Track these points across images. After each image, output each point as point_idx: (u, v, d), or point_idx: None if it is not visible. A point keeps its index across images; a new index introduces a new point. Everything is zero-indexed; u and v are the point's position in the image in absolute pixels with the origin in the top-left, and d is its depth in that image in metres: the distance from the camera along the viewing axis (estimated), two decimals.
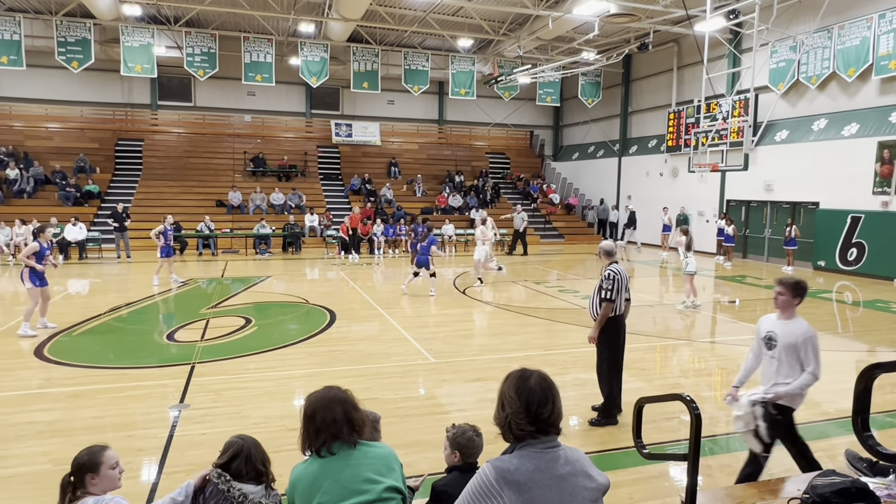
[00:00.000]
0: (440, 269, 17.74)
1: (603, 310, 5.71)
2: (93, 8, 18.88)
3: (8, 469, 4.70)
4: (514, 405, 1.91)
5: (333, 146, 28.15)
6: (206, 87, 26.03)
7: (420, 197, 26.34)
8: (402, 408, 6.14)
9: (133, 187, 23.59)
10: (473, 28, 22.26)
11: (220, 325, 9.68)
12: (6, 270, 16.19)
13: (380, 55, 23.11)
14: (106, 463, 2.68)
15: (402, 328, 9.63)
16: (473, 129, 31.19)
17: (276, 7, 19.84)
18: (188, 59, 20.95)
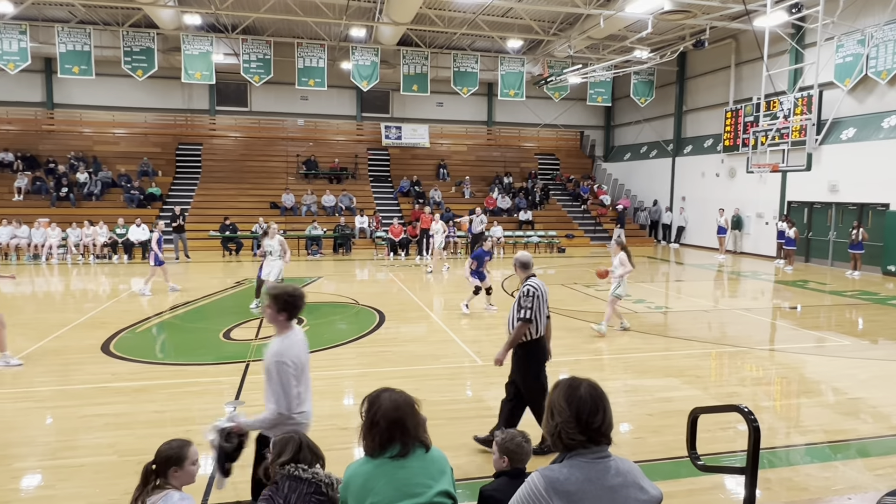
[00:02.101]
0: None
1: (517, 330, 5.01)
2: (156, 18, 19.74)
3: (77, 459, 4.96)
4: (563, 414, 1.89)
5: (383, 148, 28.50)
6: (261, 93, 26.79)
7: (468, 198, 26.36)
8: (450, 410, 6.16)
9: (192, 190, 24.51)
10: (523, 29, 22.13)
11: None
12: (76, 269, 17.08)
13: (429, 58, 23.25)
14: (189, 458, 2.82)
15: (450, 330, 9.66)
16: (522, 130, 31.00)
17: (328, 13, 20.25)
18: (244, 65, 21.61)
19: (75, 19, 20.92)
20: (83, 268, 17.40)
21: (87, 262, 18.27)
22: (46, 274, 16.39)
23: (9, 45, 19.76)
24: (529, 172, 28.90)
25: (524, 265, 5.35)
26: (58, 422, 5.88)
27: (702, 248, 23.29)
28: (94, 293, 12.82)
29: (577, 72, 22.78)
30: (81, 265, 17.80)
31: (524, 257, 5.38)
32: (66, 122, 26.32)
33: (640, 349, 8.70)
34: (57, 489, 4.48)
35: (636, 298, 12.68)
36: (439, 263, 17.58)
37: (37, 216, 19.48)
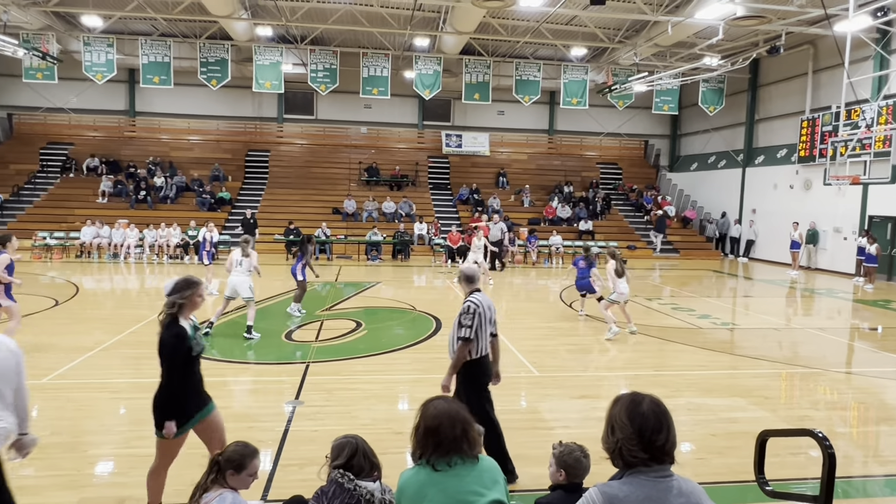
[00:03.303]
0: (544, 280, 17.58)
1: (458, 350, 4.55)
2: (231, 31, 20.67)
3: (147, 449, 5.16)
4: (625, 430, 1.84)
5: (443, 156, 28.72)
6: (327, 101, 27.53)
7: (528, 207, 26.19)
8: (505, 420, 6.07)
9: (259, 194, 25.42)
10: (587, 36, 21.87)
11: (333, 328, 10.15)
12: (150, 268, 18.00)
13: (491, 66, 23.30)
14: (249, 469, 2.96)
15: (506, 339, 9.59)
16: (584, 138, 30.57)
17: (393, 23, 20.64)
18: (312, 74, 22.29)
19: (157, 32, 22.16)
20: (157, 267, 18.32)
21: (161, 261, 19.22)
22: (124, 272, 17.35)
23: (98, 57, 21.12)
24: (591, 182, 28.44)
25: (469, 279, 4.82)
26: (130, 412, 6.19)
27: (772, 263, 22.25)
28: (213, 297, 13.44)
29: (642, 80, 22.29)
30: (156, 264, 18.75)
31: (469, 270, 4.89)
32: (146, 129, 27.88)
33: (705, 366, 8.38)
34: (128, 476, 4.71)
35: (701, 314, 12.23)
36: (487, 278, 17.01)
37: (117, 217, 20.67)
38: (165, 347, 3.75)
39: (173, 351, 3.72)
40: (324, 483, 2.74)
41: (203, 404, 4.01)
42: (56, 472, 4.71)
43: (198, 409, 3.95)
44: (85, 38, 21.07)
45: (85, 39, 21.06)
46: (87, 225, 19.81)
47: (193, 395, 3.92)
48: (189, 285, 3.90)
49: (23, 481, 4.58)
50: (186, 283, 3.90)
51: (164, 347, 3.76)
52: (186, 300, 3.87)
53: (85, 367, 7.53)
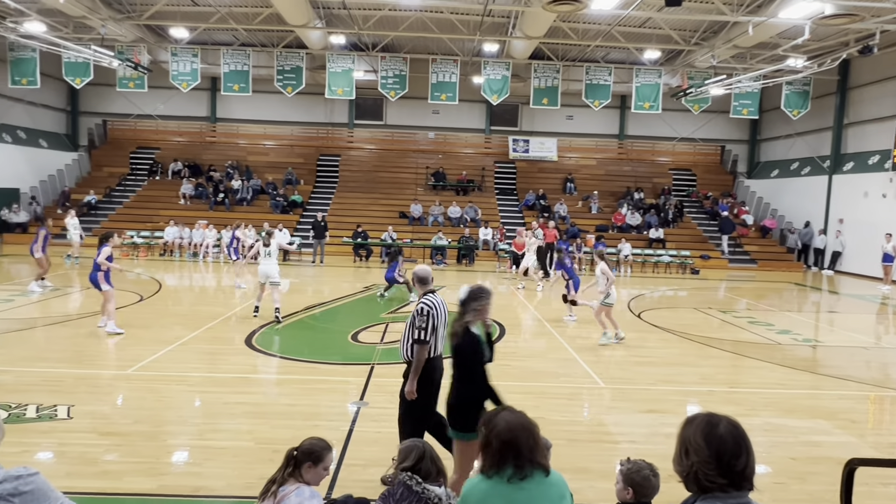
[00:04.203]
0: None
1: (418, 354, 4.49)
2: (306, 39, 21.39)
3: (220, 441, 5.42)
4: (701, 453, 1.74)
5: (510, 161, 28.59)
6: (396, 107, 27.98)
7: (595, 214, 25.66)
8: (569, 431, 5.98)
9: (330, 198, 26.12)
10: (661, 39, 21.22)
11: (397, 330, 10.26)
12: (226, 267, 18.81)
13: (561, 71, 23.01)
14: (325, 462, 3.03)
15: (571, 348, 9.42)
16: (657, 143, 29.67)
17: (462, 29, 20.75)
18: (382, 81, 22.73)
19: (237, 42, 23.20)
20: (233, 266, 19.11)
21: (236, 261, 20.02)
22: (202, 270, 18.22)
23: (183, 67, 22.34)
24: (662, 188, 27.55)
25: (421, 280, 4.78)
26: (205, 406, 6.48)
27: (861, 277, 20.81)
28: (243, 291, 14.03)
29: (720, 83, 21.40)
30: (232, 263, 19.56)
31: (422, 271, 4.83)
32: (225, 134, 29.24)
33: (784, 385, 7.92)
34: (202, 467, 4.92)
35: (780, 329, 11.58)
36: (518, 281, 16.82)
37: (197, 218, 21.73)
38: (465, 354, 3.79)
39: (472, 357, 3.79)
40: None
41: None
42: (137, 459, 4.98)
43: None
44: (172, 49, 22.35)
45: (172, 50, 22.33)
46: (170, 225, 20.95)
47: (484, 400, 3.95)
48: (484, 294, 3.93)
49: (107, 466, 4.87)
50: (481, 292, 3.92)
51: (462, 354, 3.80)
52: (482, 308, 3.89)
53: (165, 360, 7.94)
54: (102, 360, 7.94)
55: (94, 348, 8.63)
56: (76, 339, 9.11)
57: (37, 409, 5.95)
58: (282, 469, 3.00)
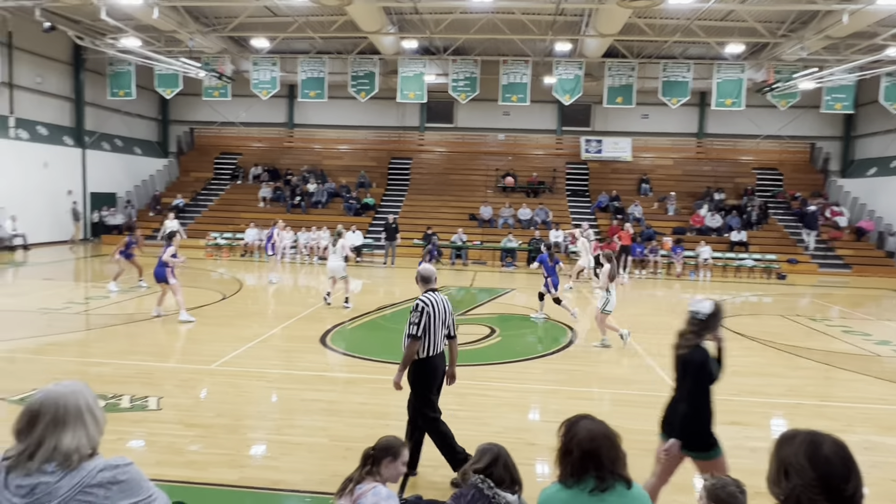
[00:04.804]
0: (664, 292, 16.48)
1: (407, 348, 4.58)
2: (379, 45, 21.83)
3: (296, 437, 5.58)
4: (805, 476, 1.61)
5: (582, 162, 28.04)
6: (466, 109, 28.07)
7: (672, 216, 24.74)
8: (645, 441, 5.74)
9: (401, 201, 26.51)
10: (745, 32, 20.20)
11: (467, 332, 10.26)
12: (302, 267, 19.45)
13: (636, 68, 22.37)
14: (402, 457, 3.06)
15: (646, 354, 9.10)
16: (739, 142, 28.28)
17: (534, 29, 20.55)
18: (453, 84, 22.86)
19: (314, 50, 23.98)
20: (308, 267, 19.76)
21: (312, 262, 20.70)
22: (279, 271, 18.91)
23: (264, 76, 23.33)
24: (745, 189, 26.21)
25: (424, 279, 4.88)
26: (282, 402, 6.70)
27: None
28: (316, 290, 14.45)
29: (810, 76, 20.15)
30: (307, 264, 20.23)
31: (426, 271, 4.91)
32: (302, 139, 30.30)
33: (885, 399, 7.33)
34: (279, 461, 5.09)
35: (879, 339, 10.74)
36: (570, 280, 16.41)
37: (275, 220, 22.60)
38: (696, 369, 3.75)
39: (704, 374, 3.75)
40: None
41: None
42: (219, 451, 5.21)
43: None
44: (254, 58, 23.39)
45: (254, 60, 23.37)
46: (250, 227, 21.89)
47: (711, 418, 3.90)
48: (722, 312, 3.86)
49: (192, 456, 5.12)
50: (722, 310, 3.87)
51: (694, 368, 3.75)
52: (719, 327, 3.82)
53: (245, 357, 8.28)
54: (188, 355, 8.38)
55: (181, 343, 9.13)
56: (165, 334, 9.66)
57: (130, 399, 6.35)
58: (359, 468, 3.05)
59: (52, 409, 1.86)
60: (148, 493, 1.91)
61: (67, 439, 1.83)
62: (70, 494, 1.79)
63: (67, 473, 1.81)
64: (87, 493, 1.80)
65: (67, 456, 1.82)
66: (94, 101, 25.19)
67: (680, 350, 3.79)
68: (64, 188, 23.46)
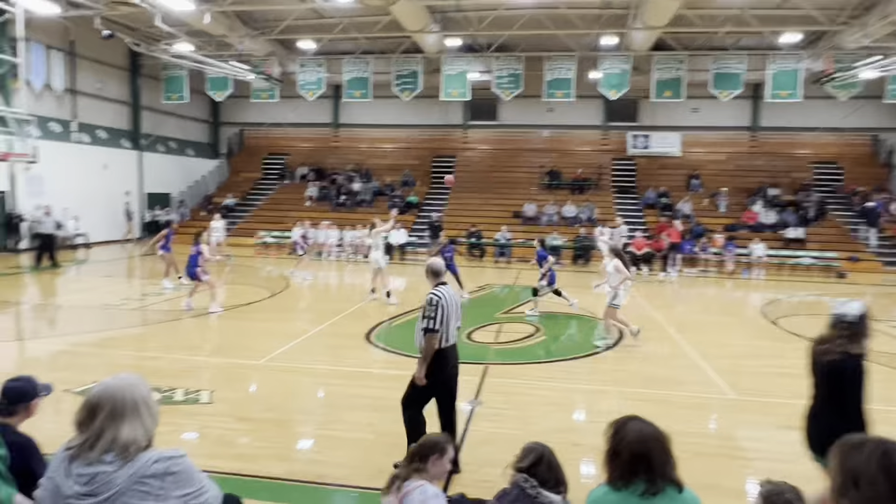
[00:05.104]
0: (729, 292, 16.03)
1: (427, 342, 4.69)
2: (422, 44, 21.91)
3: (342, 432, 5.66)
4: (879, 487, 1.51)
5: (629, 158, 27.48)
6: (510, 106, 27.88)
7: (724, 212, 23.97)
8: (695, 444, 5.60)
9: (445, 199, 26.55)
10: (802, 20, 19.38)
11: (511, 331, 10.20)
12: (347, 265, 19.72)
13: (685, 61, 21.76)
14: (447, 454, 3.06)
15: (697, 355, 8.84)
16: (795, 135, 27.16)
17: (579, 24, 20.24)
18: (497, 81, 22.75)
19: (359, 50, 24.26)
20: (353, 265, 20.02)
21: (357, 260, 20.96)
22: (326, 268, 19.23)
23: (310, 77, 23.76)
24: (802, 183, 25.16)
25: (435, 273, 5.02)
26: (328, 397, 6.80)
27: None
28: (361, 287, 14.62)
29: (873, 65, 19.18)
30: (352, 262, 20.50)
31: (435, 265, 5.06)
32: (347, 139, 30.72)
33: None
34: (325, 455, 5.16)
35: None
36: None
37: (321, 219, 22.98)
38: (851, 378, 3.58)
39: (857, 381, 3.59)
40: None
41: None
42: (268, 444, 5.32)
43: None
44: (300, 60, 23.83)
45: (300, 62, 23.81)
46: (298, 226, 22.30)
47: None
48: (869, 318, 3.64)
49: (242, 449, 5.25)
50: (868, 315, 3.68)
51: (848, 377, 3.59)
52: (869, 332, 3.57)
53: (293, 353, 8.44)
54: (238, 351, 8.60)
55: (232, 339, 9.37)
56: (216, 330, 9.95)
57: (184, 392, 6.56)
58: (406, 464, 3.05)
59: (111, 401, 1.92)
60: (200, 484, 1.96)
61: (125, 431, 1.90)
62: (126, 484, 1.85)
63: (125, 464, 1.87)
64: (142, 483, 1.86)
65: (125, 447, 1.89)
66: (150, 104, 26.16)
67: (828, 356, 3.50)
68: (122, 189, 24.47)
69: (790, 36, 20.31)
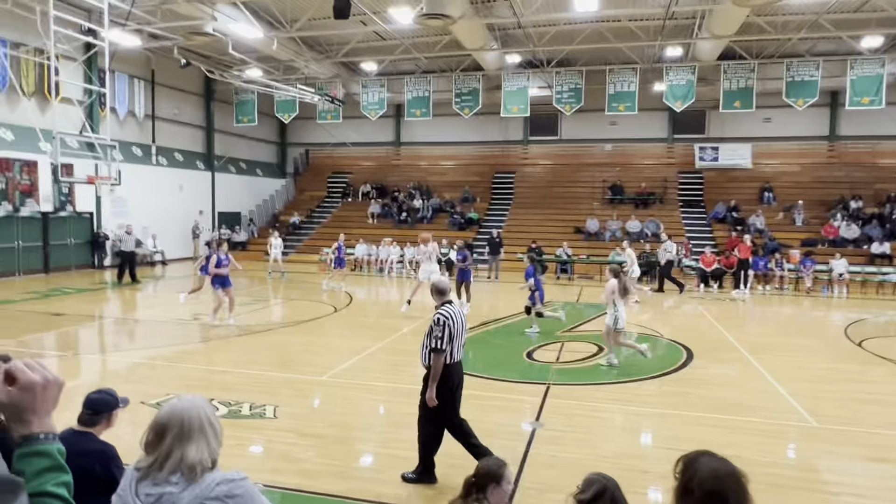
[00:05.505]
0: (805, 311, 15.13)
1: (435, 362, 4.84)
2: (482, 62, 22.05)
3: (401, 451, 5.63)
4: None
5: (696, 171, 26.59)
6: (571, 121, 27.59)
7: (800, 226, 22.76)
8: (772, 475, 5.26)
9: (505, 215, 26.47)
10: (885, 22, 18.29)
11: (573, 350, 9.98)
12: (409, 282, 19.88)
13: (755, 69, 20.94)
14: (506, 479, 2.98)
15: (773, 379, 8.35)
16: (878, 143, 25.56)
17: (642, 36, 19.85)
18: (557, 96, 22.58)
19: (420, 70, 24.67)
20: (415, 281, 20.15)
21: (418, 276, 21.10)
22: (387, 285, 19.47)
23: (372, 97, 24.33)
24: (888, 195, 23.57)
25: (440, 292, 5.17)
26: (389, 415, 6.83)
27: None
28: (421, 304, 14.68)
29: None
30: (413, 279, 20.64)
31: (441, 284, 5.22)
32: (408, 157, 31.20)
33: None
34: (385, 474, 5.16)
35: None
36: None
37: (383, 236, 23.35)
38: None
39: None
40: None
41: None
42: (330, 461, 5.38)
43: None
44: (363, 81, 24.46)
45: (363, 83, 24.44)
46: (360, 243, 22.76)
47: None
48: None
49: (304, 465, 5.32)
50: None
51: None
52: None
53: (354, 369, 8.54)
54: (302, 366, 8.78)
55: (296, 354, 9.60)
56: (281, 346, 10.22)
57: (250, 407, 6.74)
58: (463, 497, 2.98)
59: (179, 422, 1.98)
60: None
61: (192, 451, 1.94)
62: None
63: (189, 485, 1.91)
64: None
65: (192, 468, 1.93)
66: (222, 127, 27.48)
67: None
68: (196, 208, 25.70)
69: (871, 40, 19.22)
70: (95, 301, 14.86)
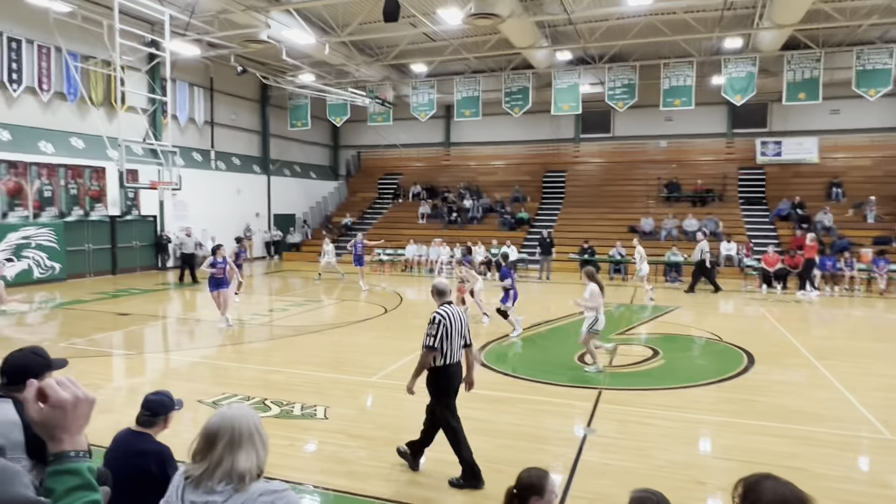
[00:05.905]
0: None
1: (421, 357, 5.01)
2: (532, 60, 21.80)
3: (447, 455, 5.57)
4: None
5: (757, 167, 25.51)
6: (624, 117, 26.96)
7: (872, 223, 21.50)
8: (843, 490, 4.96)
9: (556, 214, 26.10)
10: None
11: (627, 353, 9.71)
12: None
13: (822, 59, 19.89)
14: (549, 489, 2.90)
15: (842, 386, 7.90)
16: None
17: (699, 28, 19.17)
18: (609, 92, 22.09)
19: (469, 70, 24.62)
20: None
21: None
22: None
23: (422, 98, 24.44)
24: None
25: (440, 292, 5.28)
26: None
27: None
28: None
29: None
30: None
31: (441, 285, 5.31)
32: (458, 157, 31.21)
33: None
34: (432, 479, 5.14)
35: None
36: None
37: (433, 237, 23.41)
38: None
39: None
40: None
41: None
42: (379, 464, 5.40)
43: None
44: (413, 83, 24.60)
45: (413, 84, 24.58)
46: (411, 243, 22.90)
47: None
48: None
49: (353, 466, 5.36)
50: None
51: None
52: None
53: (404, 370, 8.53)
54: (352, 367, 8.88)
55: (347, 355, 9.72)
56: (332, 346, 10.37)
57: (301, 407, 6.85)
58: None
59: (229, 430, 2.00)
60: None
61: (242, 459, 1.96)
62: None
63: (234, 494, 1.93)
64: None
65: (242, 476, 1.95)
66: (277, 132, 28.22)
67: None
68: (253, 211, 26.48)
69: None
70: (158, 301, 15.49)
